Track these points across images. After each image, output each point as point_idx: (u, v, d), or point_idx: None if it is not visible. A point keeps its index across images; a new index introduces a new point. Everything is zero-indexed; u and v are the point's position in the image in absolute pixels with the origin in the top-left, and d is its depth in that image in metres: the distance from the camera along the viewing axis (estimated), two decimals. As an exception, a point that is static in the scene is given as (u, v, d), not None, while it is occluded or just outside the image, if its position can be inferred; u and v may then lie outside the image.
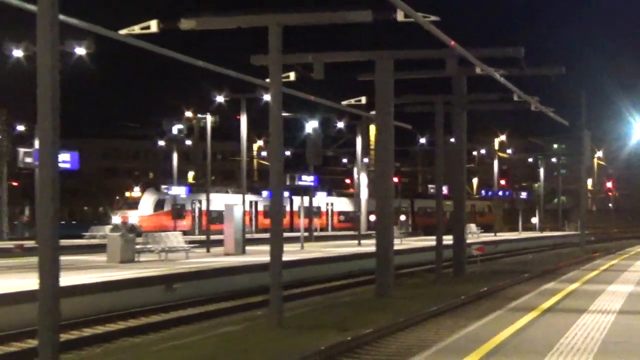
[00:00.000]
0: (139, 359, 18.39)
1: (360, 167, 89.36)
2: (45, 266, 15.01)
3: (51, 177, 15.33)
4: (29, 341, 21.06)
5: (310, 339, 19.63)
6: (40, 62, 15.30)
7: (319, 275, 41.95)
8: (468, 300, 27.68)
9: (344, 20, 25.68)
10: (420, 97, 43.02)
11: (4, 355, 20.87)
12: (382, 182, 34.04)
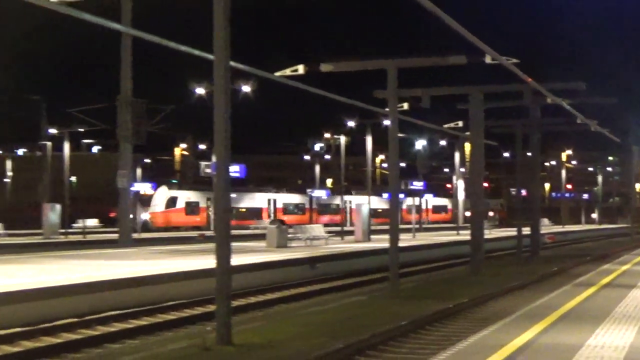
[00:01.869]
0: (290, 320, 18.43)
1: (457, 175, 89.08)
2: (220, 250, 15.16)
3: (224, 184, 15.51)
4: (208, 306, 21.25)
5: (419, 306, 19.52)
6: (216, 97, 15.46)
7: (427, 258, 41.79)
8: (542, 278, 27.29)
9: (445, 63, 25.84)
10: (504, 122, 43.23)
11: (191, 316, 21.07)
12: (475, 186, 35.24)
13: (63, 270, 25.37)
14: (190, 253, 34.21)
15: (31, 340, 17.22)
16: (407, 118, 37.45)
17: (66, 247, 45.73)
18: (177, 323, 20.07)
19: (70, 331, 18.38)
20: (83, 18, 18.11)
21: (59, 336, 17.76)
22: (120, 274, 24.12)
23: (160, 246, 43.54)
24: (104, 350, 16.38)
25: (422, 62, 26.97)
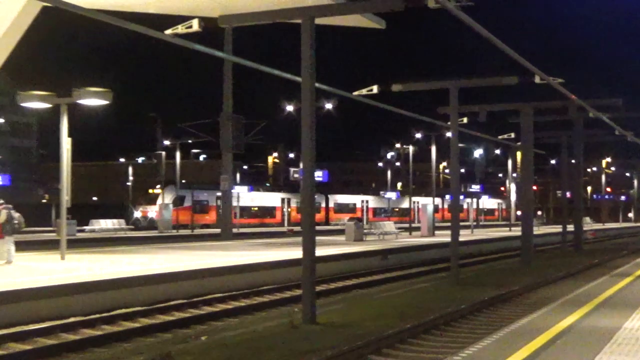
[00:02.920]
0: (365, 303, 18.48)
1: (510, 179, 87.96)
2: (306, 242, 15.28)
3: (310, 187, 15.62)
4: (296, 290, 21.36)
5: (477, 292, 19.41)
6: (303, 113, 15.59)
7: (483, 250, 41.45)
8: (584, 269, 26.91)
9: (499, 83, 25.77)
10: (551, 133, 42.92)
11: (281, 299, 21.20)
12: (526, 189, 34.94)
13: (175, 259, 25.79)
14: (281, 245, 34.43)
15: (148, 317, 17.55)
16: (466, 130, 37.25)
17: (177, 240, 46.52)
18: (270, 305, 20.23)
19: (181, 309, 18.70)
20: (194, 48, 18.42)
21: (172, 314, 18.07)
22: (224, 262, 24.44)
23: (256, 239, 43.93)
24: (209, 327, 16.61)
25: (479, 82, 27.02)
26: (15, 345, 13.99)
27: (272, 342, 12.68)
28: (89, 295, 17.81)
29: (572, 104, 31.63)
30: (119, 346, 14.20)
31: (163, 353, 11.48)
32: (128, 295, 18.76)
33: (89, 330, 15.62)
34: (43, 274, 19.63)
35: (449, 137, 29.34)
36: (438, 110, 29.69)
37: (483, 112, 30.67)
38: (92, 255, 27.48)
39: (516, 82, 25.16)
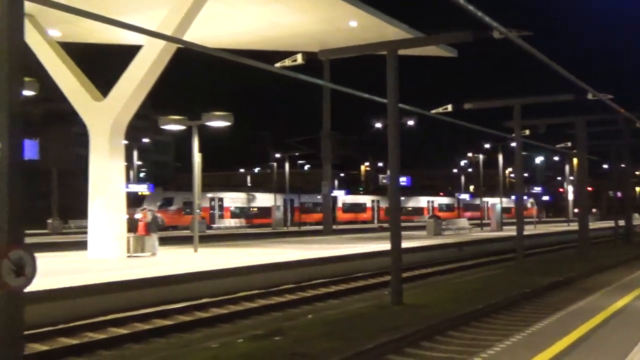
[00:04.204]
0: (443, 288, 18.30)
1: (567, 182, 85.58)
2: (393, 236, 15.26)
3: (396, 190, 15.62)
4: (384, 277, 21.29)
5: (539, 278, 18.92)
6: (390, 129, 15.59)
7: (544, 243, 40.41)
8: (634, 258, 25.88)
9: (557, 100, 25.26)
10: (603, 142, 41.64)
11: (371, 284, 21.17)
12: (581, 190, 34.12)
13: (285, 251, 26.10)
14: (372, 239, 34.39)
15: (264, 298, 17.79)
16: (528, 141, 36.45)
17: (287, 235, 47.04)
18: (363, 289, 20.26)
19: (291, 292, 18.90)
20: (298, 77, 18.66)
21: (283, 296, 18.29)
22: (325, 254, 24.61)
23: (351, 234, 44.01)
24: (313, 307, 16.74)
25: (540, 99, 26.57)
26: (159, 321, 14.43)
27: (365, 319, 12.70)
28: (216, 281, 18.22)
29: (621, 117, 30.72)
30: (241, 322, 14.48)
31: (276, 328, 11.65)
32: (248, 280, 19.09)
33: (216, 309, 15.96)
34: (182, 264, 20.17)
35: (514, 147, 29.00)
36: (504, 124, 29.30)
37: (543, 125, 30.25)
38: (218, 249, 28.08)
39: (571, 99, 24.58)
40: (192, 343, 11.26)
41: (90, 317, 13.86)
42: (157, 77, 22.77)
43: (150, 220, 24.11)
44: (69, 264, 20.31)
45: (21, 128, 7.55)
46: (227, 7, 23.62)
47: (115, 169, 23.40)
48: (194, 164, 25.60)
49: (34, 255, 7.46)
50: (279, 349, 9.99)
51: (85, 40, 27.04)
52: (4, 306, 7.30)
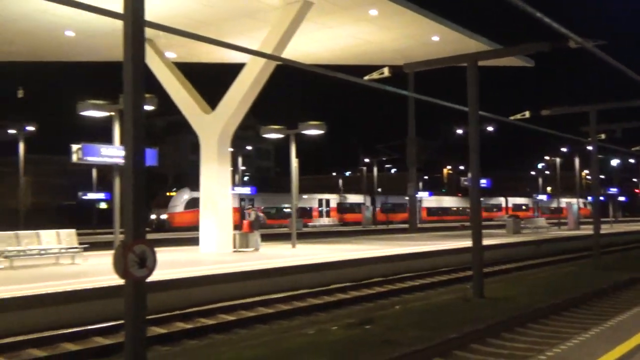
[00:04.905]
0: (521, 283, 17.76)
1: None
2: (475, 234, 14.93)
3: (477, 192, 15.28)
4: (467, 272, 20.85)
5: (616, 275, 18.11)
6: (470, 135, 15.27)
7: (621, 241, 38.58)
8: None
9: (634, 105, 24.12)
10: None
11: (455, 278, 20.80)
12: None
13: (374, 248, 25.99)
14: (455, 237, 33.82)
15: (356, 290, 17.74)
16: (604, 144, 34.89)
17: (376, 233, 46.85)
18: (447, 282, 19.93)
19: (380, 285, 18.77)
20: (385, 88, 18.57)
21: (373, 288, 18.18)
22: (411, 250, 24.38)
23: (435, 232, 43.40)
24: (401, 298, 16.58)
25: (615, 105, 25.33)
26: (262, 309, 14.65)
27: (449, 311, 12.48)
28: (313, 274, 18.33)
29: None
30: (335, 312, 14.50)
31: (368, 317, 11.61)
32: (341, 273, 19.13)
33: (313, 299, 16.06)
34: (282, 258, 20.43)
35: (590, 150, 27.78)
36: (581, 129, 28.15)
37: (619, 129, 28.90)
38: (314, 245, 28.26)
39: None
40: (291, 329, 11.35)
41: (203, 304, 14.21)
42: (258, 91, 23.17)
43: (253, 219, 24.57)
44: (184, 257, 20.91)
45: (144, 138, 7.82)
46: (321, 28, 23.78)
47: (222, 173, 23.94)
48: (292, 168, 25.90)
49: (154, 250, 7.69)
50: (370, 336, 9.95)
51: (196, 61, 27.83)
52: (130, 293, 7.56)
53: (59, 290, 12.63)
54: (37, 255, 18.36)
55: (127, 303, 7.56)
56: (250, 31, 23.35)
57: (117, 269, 7.45)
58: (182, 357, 9.07)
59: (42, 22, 21.79)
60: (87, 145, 19.08)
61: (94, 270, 16.63)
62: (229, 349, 9.48)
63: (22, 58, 27.57)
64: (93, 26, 22.07)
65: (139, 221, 7.68)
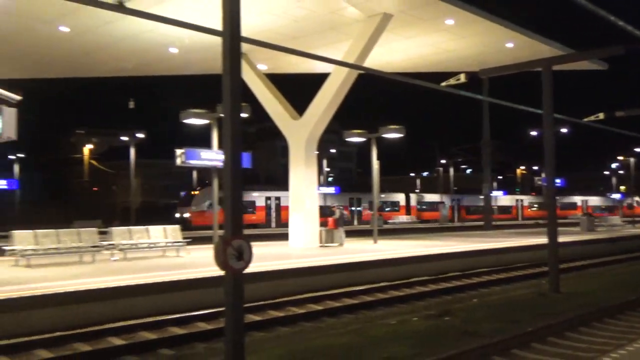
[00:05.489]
0: (597, 279, 17.00)
1: None
2: (550, 232, 14.41)
3: (552, 190, 14.72)
4: (542, 267, 20.13)
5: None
6: (545, 136, 14.74)
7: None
8: None
9: None
10: None
11: (530, 273, 20.10)
12: None
13: (450, 244, 25.54)
14: (529, 234, 32.78)
15: (434, 283, 17.49)
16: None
17: (451, 230, 46.02)
18: (522, 278, 19.30)
19: (458, 279, 18.42)
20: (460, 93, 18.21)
21: (450, 282, 17.86)
22: (486, 246, 23.80)
23: (509, 230, 42.21)
24: (478, 292, 16.21)
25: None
26: (347, 300, 14.64)
27: (524, 305, 12.08)
28: (394, 267, 18.20)
29: None
30: (415, 303, 14.33)
31: (446, 309, 11.41)
32: (420, 267, 18.91)
33: (394, 291, 15.93)
34: (366, 253, 20.40)
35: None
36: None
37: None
38: (394, 241, 28.04)
39: None
40: (375, 319, 11.31)
41: (294, 294, 14.36)
42: (342, 98, 23.23)
43: (338, 217, 24.64)
44: (275, 251, 21.22)
45: (241, 144, 7.98)
46: (400, 38, 23.58)
47: (309, 174, 24.14)
48: (373, 170, 25.82)
49: (250, 244, 7.83)
50: (449, 327, 9.77)
51: (285, 72, 28.20)
52: (229, 284, 7.73)
53: (166, 279, 13.09)
54: (146, 248, 19.10)
55: (226, 292, 7.73)
56: (333, 43, 23.44)
57: (217, 261, 7.64)
58: (275, 342, 9.19)
59: (149, 40, 22.65)
60: (189, 149, 19.70)
61: (196, 262, 17.14)
62: (318, 335, 9.54)
63: (133, 73, 28.75)
64: (193, 43, 22.74)
65: (237, 218, 7.84)
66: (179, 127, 22.33)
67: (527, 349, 8.58)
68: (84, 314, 11.23)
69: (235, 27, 8.00)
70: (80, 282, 12.72)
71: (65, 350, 9.67)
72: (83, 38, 21.96)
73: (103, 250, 18.13)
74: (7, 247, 16.90)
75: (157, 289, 12.52)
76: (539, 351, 8.57)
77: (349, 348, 8.45)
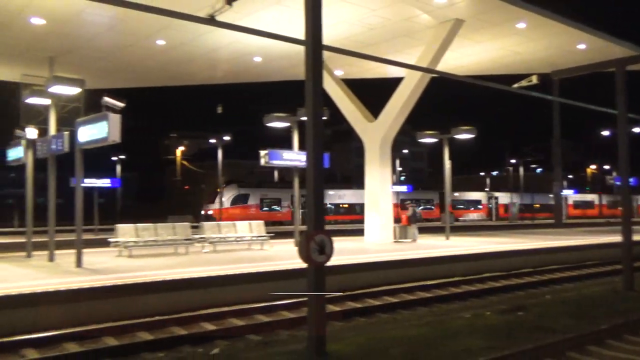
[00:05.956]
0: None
1: None
2: (625, 230, 13.70)
3: (627, 189, 13.99)
4: (615, 266, 19.18)
5: None
6: (620, 136, 14.03)
7: None
8: None
9: None
10: None
11: (602, 272, 19.18)
12: None
13: (520, 241, 24.77)
14: (600, 233, 31.30)
15: (507, 279, 17.01)
16: None
17: (523, 228, 44.61)
18: (595, 275, 18.44)
19: (530, 275, 17.78)
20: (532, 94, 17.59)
21: (522, 278, 17.27)
22: (557, 244, 22.92)
23: (579, 228, 40.47)
24: (550, 289, 15.61)
25: None
26: (421, 293, 14.45)
27: (598, 302, 11.53)
28: (467, 263, 17.83)
29: None
30: (488, 298, 13.98)
31: (520, 304, 11.07)
32: (492, 264, 18.43)
33: (466, 286, 15.58)
34: (437, 248, 20.10)
35: None
36: None
37: None
38: (465, 238, 27.47)
39: None
40: (449, 312, 11.11)
41: (370, 286, 14.33)
42: (415, 101, 22.96)
43: (411, 214, 24.39)
44: (352, 246, 21.25)
45: (322, 145, 8.05)
46: (471, 43, 23.06)
47: (384, 174, 24.00)
48: (445, 170, 25.40)
49: (331, 239, 7.88)
50: (523, 322, 9.48)
51: (360, 77, 28.16)
52: (311, 275, 7.82)
53: (252, 271, 13.36)
54: (233, 241, 19.56)
55: (309, 283, 7.82)
56: (406, 49, 23.21)
57: (301, 255, 7.73)
58: (354, 332, 9.20)
59: (236, 51, 23.17)
60: (272, 151, 20.02)
61: (279, 255, 17.39)
62: (394, 327, 9.48)
63: (220, 81, 29.51)
64: (276, 52, 23.10)
65: (319, 214, 7.91)
66: (262, 129, 22.74)
67: (602, 346, 8.20)
68: (179, 301, 11.62)
69: (317, 37, 8.06)
70: (176, 271, 13.18)
71: (163, 334, 10.04)
72: (177, 50, 22.73)
73: (195, 243, 18.72)
74: (111, 239, 17.74)
75: (244, 280, 12.78)
76: (615, 348, 8.17)
77: (426, 339, 8.35)
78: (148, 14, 8.29)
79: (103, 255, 17.61)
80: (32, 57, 22.47)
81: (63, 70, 21.12)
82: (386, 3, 18.98)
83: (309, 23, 8.02)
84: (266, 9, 18.63)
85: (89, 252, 17.90)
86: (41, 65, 22.24)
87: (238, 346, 8.79)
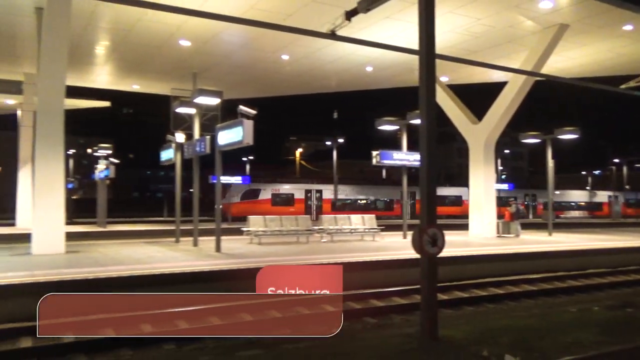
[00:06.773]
0: None
1: None
2: None
3: None
4: None
5: None
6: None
7: None
8: None
9: None
10: None
11: None
12: None
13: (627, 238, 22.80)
14: None
15: (613, 276, 15.70)
16: None
17: (624, 226, 41.13)
18: None
19: (637, 273, 16.36)
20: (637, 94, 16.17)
21: (630, 275, 15.88)
22: None
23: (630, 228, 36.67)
24: (619, 292, 14.17)
25: None
26: (526, 286, 13.73)
27: None
28: (571, 258, 16.73)
29: None
30: (594, 294, 13.02)
31: (628, 301, 10.21)
32: (596, 260, 17.14)
33: (572, 281, 14.60)
34: (540, 244, 19.04)
35: None
36: None
37: None
38: (567, 234, 25.77)
39: None
40: (555, 306, 10.48)
41: (474, 278, 13.85)
42: (519, 104, 21.90)
43: (514, 211, 23.30)
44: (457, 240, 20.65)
45: (435, 145, 7.90)
46: (576, 46, 21.56)
47: (487, 172, 23.11)
48: (548, 169, 23.98)
49: (442, 232, 7.72)
50: (632, 318, 8.73)
51: (465, 82, 27.30)
52: (424, 266, 7.69)
53: (367, 259, 13.38)
54: (348, 232, 19.73)
55: (422, 273, 7.69)
56: (509, 54, 22.16)
57: (415, 246, 7.63)
58: (463, 319, 8.94)
59: (351, 61, 23.31)
60: (383, 151, 19.93)
61: (390, 246, 17.29)
62: (501, 317, 9.10)
63: (335, 89, 29.85)
64: (385, 62, 22.96)
65: (431, 209, 7.76)
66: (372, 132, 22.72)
67: None
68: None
69: (430, 47, 7.92)
70: (302, 257, 13.50)
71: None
72: (299, 63, 23.28)
73: (315, 233, 19.10)
74: (244, 228, 18.53)
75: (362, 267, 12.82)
76: None
77: (533, 330, 7.93)
78: (276, 31, 8.55)
79: (237, 242, 18.44)
80: (179, 73, 24.01)
81: (204, 84, 22.43)
82: (491, 12, 18.23)
83: (423, 34, 7.89)
84: (378, 22, 18.56)
85: (224, 239, 18.82)
86: (186, 79, 23.70)
87: (356, 327, 8.85)
